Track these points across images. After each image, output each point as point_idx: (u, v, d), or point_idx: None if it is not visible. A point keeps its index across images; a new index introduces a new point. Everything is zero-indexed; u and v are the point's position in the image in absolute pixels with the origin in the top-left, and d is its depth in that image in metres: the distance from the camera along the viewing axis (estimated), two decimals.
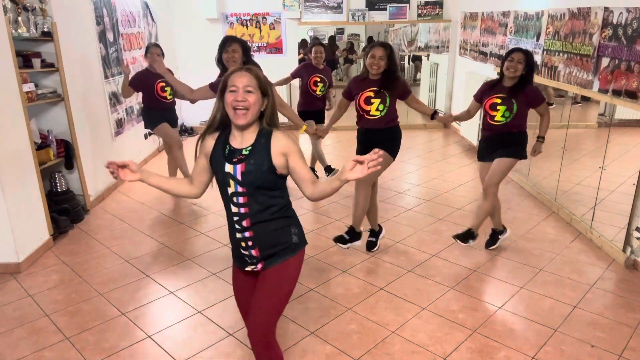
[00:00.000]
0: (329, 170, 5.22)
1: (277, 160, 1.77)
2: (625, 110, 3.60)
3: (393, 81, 3.27)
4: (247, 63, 3.36)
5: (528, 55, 3.25)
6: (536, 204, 4.52)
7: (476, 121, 6.15)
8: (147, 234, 4.06)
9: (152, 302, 3.05)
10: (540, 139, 3.47)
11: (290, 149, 1.78)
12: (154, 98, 4.60)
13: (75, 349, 2.59)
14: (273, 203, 1.81)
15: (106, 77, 5.06)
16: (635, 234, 3.33)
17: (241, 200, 1.78)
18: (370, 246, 3.65)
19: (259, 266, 1.87)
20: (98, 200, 4.73)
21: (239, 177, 1.76)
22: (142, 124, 5.24)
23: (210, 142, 1.88)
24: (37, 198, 3.66)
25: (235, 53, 3.30)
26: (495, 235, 3.67)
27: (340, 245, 3.50)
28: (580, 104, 4.82)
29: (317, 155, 5.21)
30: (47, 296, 3.12)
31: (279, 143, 1.77)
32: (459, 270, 3.38)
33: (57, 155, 4.09)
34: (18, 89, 3.45)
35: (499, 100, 3.32)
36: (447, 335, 2.67)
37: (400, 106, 3.39)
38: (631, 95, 3.33)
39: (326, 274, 3.34)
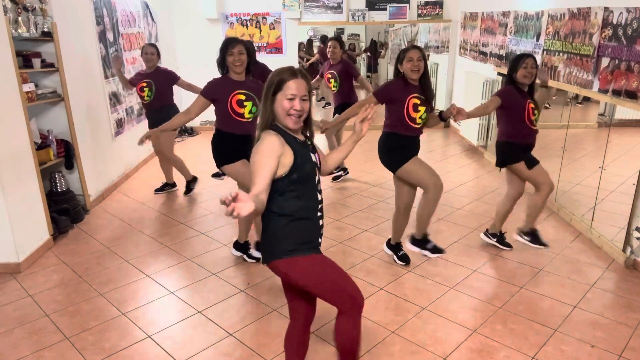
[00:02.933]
0: (343, 170, 5.28)
1: None
2: (625, 110, 3.60)
3: (431, 89, 3.20)
4: (252, 64, 3.30)
5: (535, 59, 3.29)
6: None
7: (476, 121, 6.16)
8: (147, 234, 4.06)
9: (152, 302, 3.05)
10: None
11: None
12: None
13: (75, 349, 2.59)
14: None
15: (106, 77, 5.06)
16: (635, 234, 3.33)
17: (320, 185, 1.96)
18: (406, 259, 3.49)
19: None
20: (98, 200, 4.73)
21: (319, 164, 1.97)
22: (142, 124, 5.26)
23: (279, 145, 1.79)
24: (37, 198, 3.66)
25: (241, 55, 3.16)
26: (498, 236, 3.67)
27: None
28: (581, 104, 4.83)
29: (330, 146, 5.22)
30: (47, 296, 3.12)
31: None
32: (459, 270, 3.38)
33: (57, 155, 4.09)
34: (18, 89, 3.45)
35: (533, 105, 3.32)
36: (447, 335, 2.67)
37: None
38: (631, 95, 3.33)
39: None
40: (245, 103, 3.20)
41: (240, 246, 3.57)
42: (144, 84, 4.53)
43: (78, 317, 2.89)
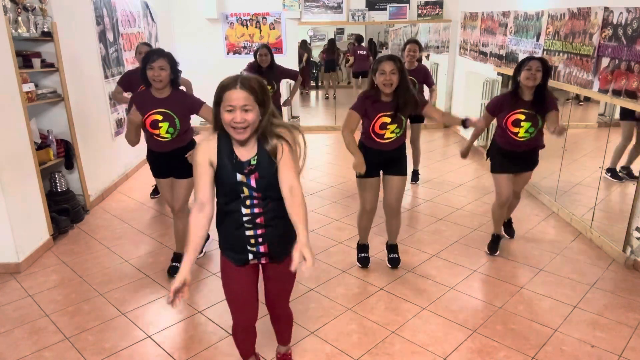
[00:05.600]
0: (414, 175, 5.24)
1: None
2: None
3: (407, 101, 2.93)
4: (176, 80, 3.02)
5: (544, 62, 3.12)
6: (536, 204, 4.52)
7: None
8: (147, 234, 4.06)
9: (152, 302, 3.05)
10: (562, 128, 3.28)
11: (281, 153, 1.81)
12: None
13: (75, 349, 2.60)
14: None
15: (106, 77, 5.06)
16: (635, 234, 3.33)
17: (255, 202, 1.86)
18: (396, 262, 3.43)
19: (264, 260, 1.97)
20: (98, 200, 4.73)
21: (253, 184, 1.83)
22: None
23: (209, 152, 1.81)
24: (37, 198, 3.66)
25: (162, 70, 2.90)
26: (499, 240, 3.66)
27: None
28: (582, 104, 4.83)
29: (414, 152, 5.17)
30: (47, 296, 3.12)
31: (274, 148, 1.81)
32: (459, 270, 3.38)
33: (57, 155, 4.09)
34: (18, 89, 3.45)
35: (522, 117, 3.15)
36: (447, 335, 2.67)
37: None
38: (631, 95, 3.33)
39: (326, 274, 3.34)
40: (160, 124, 3.00)
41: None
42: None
43: (78, 317, 2.89)
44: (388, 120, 2.98)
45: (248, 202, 1.85)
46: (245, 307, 2.06)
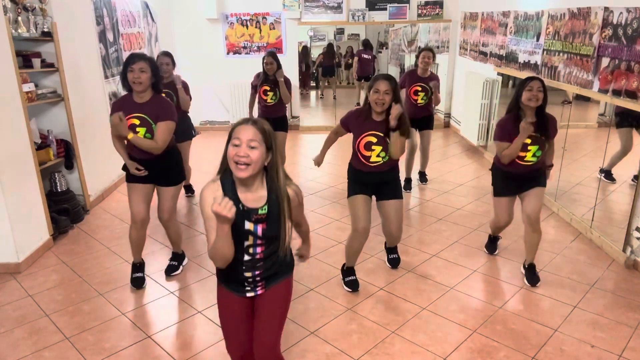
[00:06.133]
0: (421, 176, 5.26)
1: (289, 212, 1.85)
2: None
3: (399, 125, 2.85)
4: (157, 84, 2.97)
5: (543, 81, 3.04)
6: None
7: (476, 121, 6.16)
8: (147, 234, 4.04)
9: (152, 302, 3.05)
10: (551, 166, 3.25)
11: (296, 202, 1.86)
12: None
13: (75, 349, 2.60)
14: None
15: (106, 77, 5.06)
16: (635, 234, 3.33)
17: (258, 249, 1.84)
18: (396, 263, 3.44)
19: (260, 291, 1.92)
20: (98, 200, 4.73)
21: (260, 233, 1.80)
22: None
23: (213, 197, 1.72)
24: (37, 198, 3.66)
25: (142, 73, 2.83)
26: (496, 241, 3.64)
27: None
28: (570, 103, 4.81)
29: (423, 158, 5.16)
30: (47, 296, 3.12)
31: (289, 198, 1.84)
32: (459, 270, 3.38)
33: (57, 155, 4.09)
34: (18, 89, 3.45)
35: (529, 140, 3.02)
36: (447, 335, 2.67)
37: None
38: (631, 95, 3.33)
39: (326, 274, 3.34)
40: (138, 129, 2.94)
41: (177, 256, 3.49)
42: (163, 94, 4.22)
43: (78, 317, 2.89)
44: (374, 140, 2.90)
45: (251, 250, 1.83)
46: (239, 336, 1.98)
